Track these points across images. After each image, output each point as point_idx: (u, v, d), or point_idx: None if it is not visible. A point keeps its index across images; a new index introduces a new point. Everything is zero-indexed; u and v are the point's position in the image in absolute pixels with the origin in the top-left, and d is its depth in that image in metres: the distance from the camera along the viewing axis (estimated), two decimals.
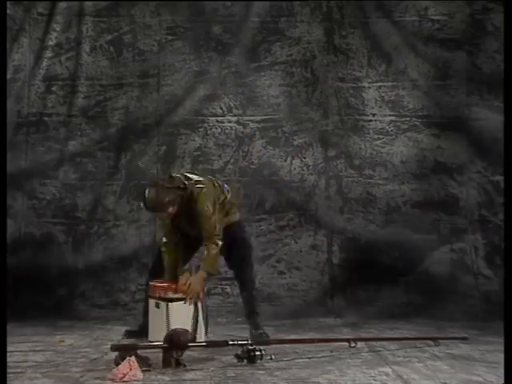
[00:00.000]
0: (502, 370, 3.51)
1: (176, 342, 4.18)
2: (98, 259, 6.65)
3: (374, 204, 6.71)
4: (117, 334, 5.30)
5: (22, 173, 6.67)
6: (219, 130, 6.78)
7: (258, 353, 4.23)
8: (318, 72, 6.78)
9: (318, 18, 6.79)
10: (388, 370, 4.05)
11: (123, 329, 5.34)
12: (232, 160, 6.76)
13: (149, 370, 4.00)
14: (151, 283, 5.04)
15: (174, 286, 4.83)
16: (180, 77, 6.79)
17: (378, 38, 6.76)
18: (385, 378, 3.86)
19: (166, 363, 4.15)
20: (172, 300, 4.82)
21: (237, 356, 4.25)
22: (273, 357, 4.26)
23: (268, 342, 4.64)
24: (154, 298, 4.93)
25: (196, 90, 6.79)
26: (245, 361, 4.22)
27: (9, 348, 4.10)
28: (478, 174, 6.67)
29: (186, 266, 5.18)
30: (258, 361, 4.21)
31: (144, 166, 6.70)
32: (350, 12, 6.77)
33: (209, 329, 5.09)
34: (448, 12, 6.71)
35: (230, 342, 4.33)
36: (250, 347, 4.25)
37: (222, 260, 5.12)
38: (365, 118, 6.76)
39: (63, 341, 5.06)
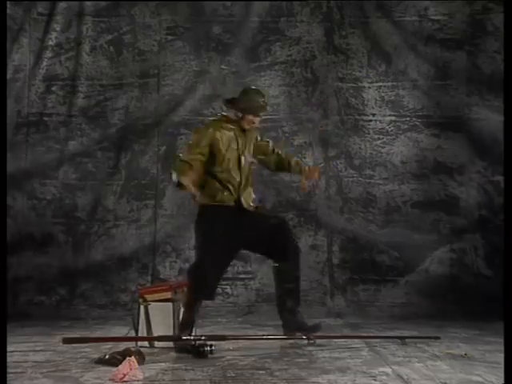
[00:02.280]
0: (502, 370, 3.51)
1: None
2: (97, 259, 6.64)
3: (373, 204, 6.71)
4: (117, 334, 5.30)
5: (21, 173, 6.67)
6: None
7: (207, 348, 4.37)
8: (318, 72, 6.78)
9: (317, 18, 6.79)
10: (388, 370, 4.04)
11: (123, 329, 5.32)
12: None
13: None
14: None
15: None
16: (180, 77, 6.79)
17: (377, 38, 6.77)
18: (385, 378, 3.85)
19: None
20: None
21: (186, 350, 4.43)
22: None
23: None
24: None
25: (196, 90, 6.78)
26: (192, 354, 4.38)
27: (9, 348, 4.09)
28: (477, 174, 6.67)
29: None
30: (209, 355, 4.35)
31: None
32: (350, 12, 6.78)
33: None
34: (448, 12, 6.71)
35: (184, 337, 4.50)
36: (201, 342, 4.39)
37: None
38: (365, 118, 6.76)
39: None
